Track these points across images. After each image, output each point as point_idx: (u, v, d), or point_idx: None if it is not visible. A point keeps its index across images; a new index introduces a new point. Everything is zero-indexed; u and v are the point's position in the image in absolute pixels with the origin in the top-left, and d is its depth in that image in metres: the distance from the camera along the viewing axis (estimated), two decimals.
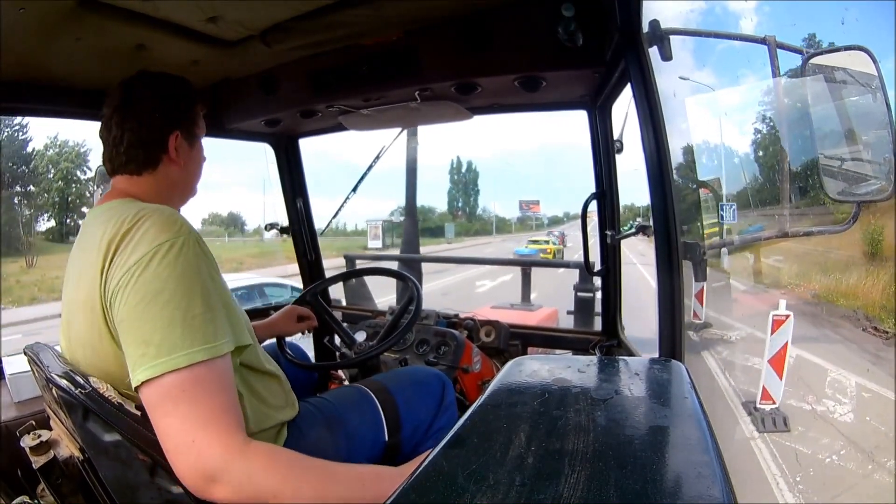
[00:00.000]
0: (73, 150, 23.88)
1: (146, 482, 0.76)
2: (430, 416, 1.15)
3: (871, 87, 0.97)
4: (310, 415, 1.00)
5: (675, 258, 1.02)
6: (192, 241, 0.76)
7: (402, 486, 0.44)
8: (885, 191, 0.98)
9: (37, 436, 0.91)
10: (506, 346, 1.87)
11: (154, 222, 0.76)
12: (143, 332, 0.71)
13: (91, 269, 0.77)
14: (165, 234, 0.75)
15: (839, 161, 1.07)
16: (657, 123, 1.00)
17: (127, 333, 0.72)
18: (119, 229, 0.76)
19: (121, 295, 0.73)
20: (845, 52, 1.01)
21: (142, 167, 0.94)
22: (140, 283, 0.72)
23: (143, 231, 0.75)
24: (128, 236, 0.76)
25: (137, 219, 0.77)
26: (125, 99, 0.93)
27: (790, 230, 1.34)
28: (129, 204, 0.86)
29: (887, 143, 0.95)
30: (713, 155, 9.38)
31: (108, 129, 0.94)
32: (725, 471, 0.45)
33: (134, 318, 0.72)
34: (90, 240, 0.81)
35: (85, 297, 0.78)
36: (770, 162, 5.60)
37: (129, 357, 0.72)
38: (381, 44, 1.35)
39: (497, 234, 47.96)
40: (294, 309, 1.56)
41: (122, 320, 0.73)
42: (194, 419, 0.68)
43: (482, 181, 57.20)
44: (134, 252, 0.74)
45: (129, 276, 0.73)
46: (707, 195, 6.61)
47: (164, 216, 0.77)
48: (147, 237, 0.75)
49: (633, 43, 1.00)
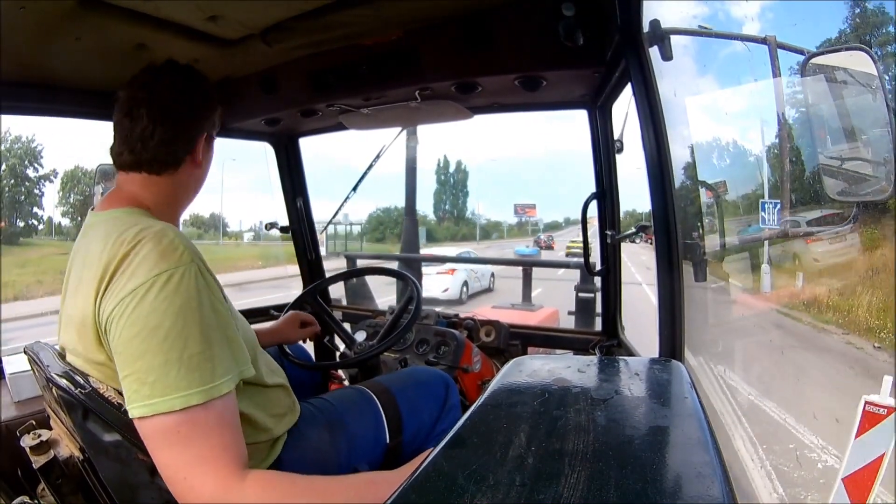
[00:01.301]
0: (23, 147, 22.61)
1: (146, 482, 0.76)
2: (432, 419, 1.14)
3: (872, 88, 0.97)
4: (310, 416, 0.99)
5: (676, 258, 1.02)
6: (193, 271, 0.72)
7: (403, 486, 0.44)
8: (886, 191, 0.98)
9: (37, 435, 0.91)
10: (506, 345, 1.87)
11: (153, 248, 0.72)
12: (137, 368, 0.68)
13: (87, 287, 0.75)
14: (164, 262, 0.71)
15: (839, 161, 1.07)
16: (657, 123, 1.00)
17: (122, 365, 0.70)
18: (118, 251, 0.73)
19: (116, 324, 0.70)
20: (845, 52, 1.01)
21: (164, 167, 0.88)
22: (136, 316, 0.69)
23: (142, 257, 0.71)
24: (125, 261, 0.72)
25: (136, 241, 0.73)
26: (154, 90, 0.87)
27: (790, 230, 1.34)
28: (132, 217, 0.82)
29: (887, 143, 0.95)
30: (724, 153, 8.68)
31: (133, 119, 0.86)
32: (725, 471, 0.45)
33: (129, 352, 0.69)
34: (90, 253, 0.78)
35: (81, 314, 0.76)
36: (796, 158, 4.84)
37: (125, 387, 0.69)
38: (382, 43, 1.35)
39: (484, 240, 43.58)
40: (297, 315, 1.54)
41: (118, 352, 0.70)
42: (187, 459, 0.67)
43: (476, 183, 55.25)
44: (131, 279, 0.70)
45: (123, 305, 0.69)
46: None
47: (165, 242, 0.73)
48: (145, 265, 0.71)
49: (634, 42, 1.00)
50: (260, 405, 0.88)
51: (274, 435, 0.89)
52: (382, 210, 37.05)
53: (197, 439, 0.67)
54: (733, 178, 8.51)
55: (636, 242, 1.40)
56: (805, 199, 4.64)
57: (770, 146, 6.11)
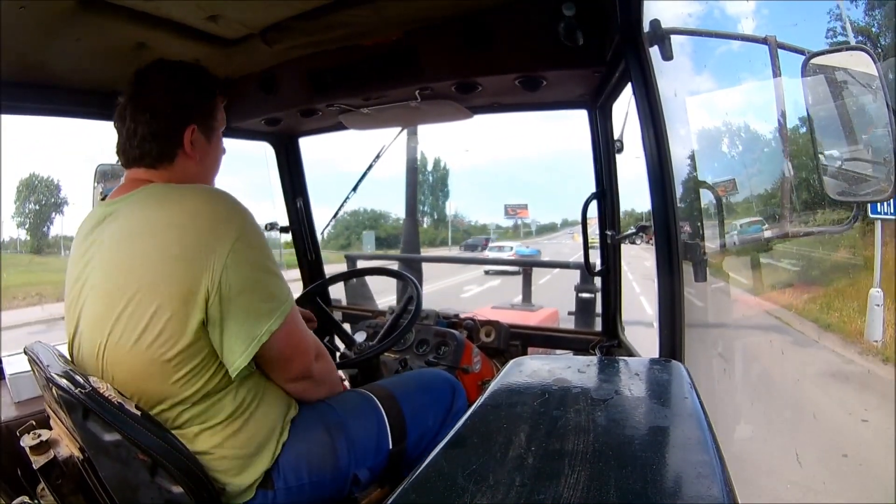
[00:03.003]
0: None
1: (146, 482, 0.76)
2: (437, 423, 1.11)
3: (872, 88, 0.97)
4: (311, 419, 0.98)
5: (676, 259, 1.02)
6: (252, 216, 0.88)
7: (403, 485, 0.44)
8: (886, 191, 0.98)
9: (37, 435, 0.90)
10: (506, 346, 1.86)
11: (226, 200, 0.86)
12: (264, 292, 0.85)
13: (168, 249, 0.81)
14: (241, 208, 0.86)
15: (839, 161, 1.07)
16: (658, 123, 1.00)
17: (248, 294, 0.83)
18: (198, 208, 0.84)
19: (234, 268, 0.81)
20: (846, 53, 1.01)
21: (156, 161, 0.92)
22: (246, 256, 0.83)
23: (223, 207, 0.85)
24: (213, 217, 0.83)
25: (205, 197, 0.86)
26: (138, 89, 0.91)
27: (791, 230, 1.34)
28: (174, 187, 0.89)
29: (887, 144, 0.95)
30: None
31: (122, 119, 0.92)
32: (725, 471, 0.45)
33: (257, 283, 0.84)
34: (144, 221, 0.85)
35: (154, 281, 0.80)
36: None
37: (253, 313, 0.83)
38: (382, 43, 1.35)
39: (457, 244, 36.33)
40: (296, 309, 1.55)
41: (241, 290, 0.82)
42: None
43: (467, 183, 51.30)
44: (228, 231, 0.82)
45: (235, 250, 0.81)
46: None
47: (227, 194, 0.87)
48: (234, 212, 0.85)
49: (634, 42, 1.00)
50: (270, 389, 0.94)
51: (277, 421, 0.93)
52: (350, 213, 32.58)
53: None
54: (736, 178, 8.19)
55: (637, 244, 1.38)
56: (809, 201, 4.58)
57: (769, 146, 6.05)
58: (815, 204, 4.20)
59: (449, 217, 42.59)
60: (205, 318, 0.81)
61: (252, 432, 0.88)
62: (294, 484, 0.91)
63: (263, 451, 0.89)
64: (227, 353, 0.83)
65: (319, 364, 0.98)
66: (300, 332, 0.93)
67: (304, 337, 0.95)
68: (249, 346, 0.82)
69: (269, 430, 0.91)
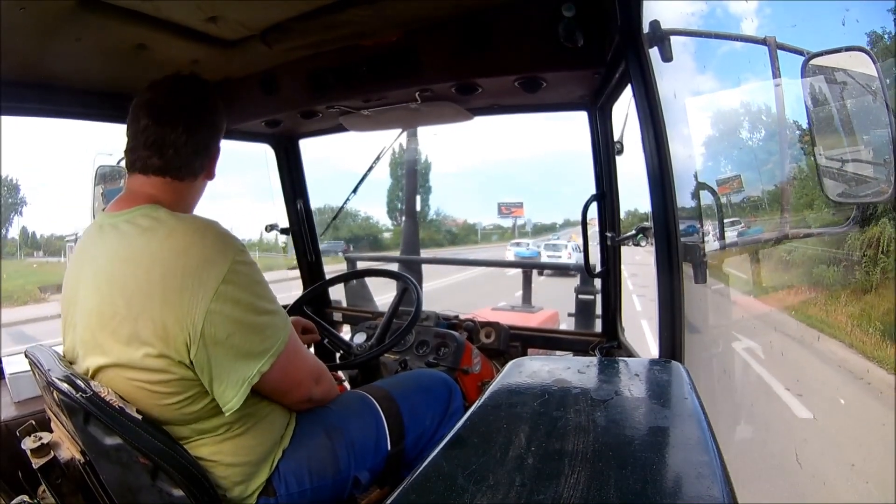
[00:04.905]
0: None
1: (147, 485, 0.76)
2: (435, 423, 1.12)
3: (871, 88, 0.97)
4: (310, 422, 0.98)
5: (676, 260, 1.02)
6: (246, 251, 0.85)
7: (403, 486, 0.44)
8: (885, 192, 0.98)
9: (37, 438, 0.90)
10: (506, 347, 1.86)
11: (216, 235, 0.83)
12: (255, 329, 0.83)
13: (150, 286, 0.78)
14: (232, 245, 0.83)
15: (839, 162, 1.07)
16: (658, 124, 1.00)
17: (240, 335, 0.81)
18: (187, 244, 0.81)
19: (219, 312, 0.78)
20: (846, 53, 1.01)
21: (188, 174, 0.91)
22: (232, 298, 0.80)
23: (212, 245, 0.82)
24: (201, 255, 0.80)
25: (196, 233, 0.82)
26: (191, 102, 0.91)
27: (790, 232, 1.33)
28: (171, 214, 0.85)
29: (887, 144, 0.95)
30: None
31: (163, 126, 0.88)
32: (725, 471, 0.45)
33: (244, 325, 0.81)
34: (132, 249, 0.82)
35: (161, 314, 0.78)
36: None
37: (242, 356, 0.81)
38: (381, 44, 1.35)
39: (457, 245, 32.51)
40: (298, 321, 1.53)
41: (228, 334, 0.79)
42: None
43: (466, 183, 49.32)
44: (212, 274, 0.79)
45: (220, 294, 0.79)
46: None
47: (220, 228, 0.85)
48: (224, 250, 0.82)
49: (634, 43, 0.99)
50: (267, 400, 0.92)
51: (277, 432, 0.92)
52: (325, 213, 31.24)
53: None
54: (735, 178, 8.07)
55: (641, 246, 1.27)
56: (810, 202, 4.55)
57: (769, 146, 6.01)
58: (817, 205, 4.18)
59: (445, 214, 40.73)
60: (190, 361, 0.79)
61: (254, 442, 0.88)
62: (296, 490, 0.91)
63: (265, 459, 0.89)
64: (219, 395, 0.81)
65: (320, 387, 0.98)
66: (296, 364, 0.91)
67: (301, 366, 0.94)
68: (240, 390, 0.81)
69: (271, 439, 0.91)
